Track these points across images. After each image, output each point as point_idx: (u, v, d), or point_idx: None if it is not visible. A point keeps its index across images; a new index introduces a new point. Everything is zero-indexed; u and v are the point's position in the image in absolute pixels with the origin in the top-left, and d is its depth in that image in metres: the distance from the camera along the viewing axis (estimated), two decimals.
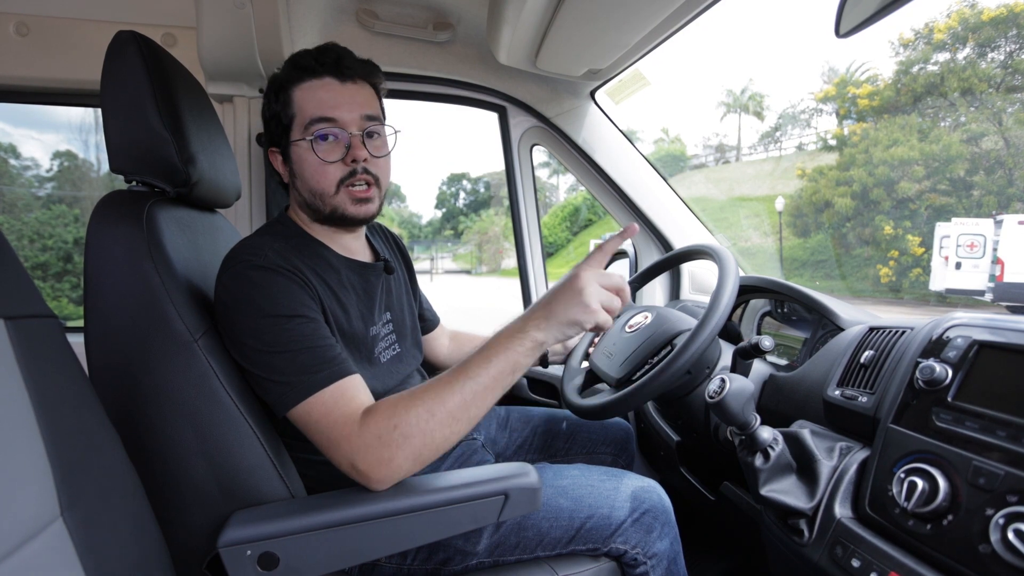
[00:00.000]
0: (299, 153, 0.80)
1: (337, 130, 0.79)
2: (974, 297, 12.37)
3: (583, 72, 1.24)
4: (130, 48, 0.72)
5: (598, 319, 0.67)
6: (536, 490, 0.68)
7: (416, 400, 0.65)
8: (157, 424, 0.65)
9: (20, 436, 0.42)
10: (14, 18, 1.21)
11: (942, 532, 0.56)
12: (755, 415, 0.71)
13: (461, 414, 0.64)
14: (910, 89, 16.52)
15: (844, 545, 0.64)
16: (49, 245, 11.83)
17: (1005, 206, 14.15)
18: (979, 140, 15.02)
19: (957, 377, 0.63)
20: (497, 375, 0.66)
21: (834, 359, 0.83)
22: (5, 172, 13.02)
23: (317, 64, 0.79)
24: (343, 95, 0.79)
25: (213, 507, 0.65)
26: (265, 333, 0.67)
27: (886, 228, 15.10)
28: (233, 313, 0.68)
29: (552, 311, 0.67)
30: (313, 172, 0.79)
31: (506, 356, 0.66)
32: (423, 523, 0.65)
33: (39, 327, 0.47)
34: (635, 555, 0.77)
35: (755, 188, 24.84)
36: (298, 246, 0.79)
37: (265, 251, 0.72)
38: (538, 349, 0.67)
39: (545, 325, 0.67)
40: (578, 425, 1.12)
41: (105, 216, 0.68)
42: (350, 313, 0.80)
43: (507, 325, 0.70)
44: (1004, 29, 15.09)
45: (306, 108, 0.79)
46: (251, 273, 0.69)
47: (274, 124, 0.82)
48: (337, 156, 0.79)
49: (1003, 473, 0.54)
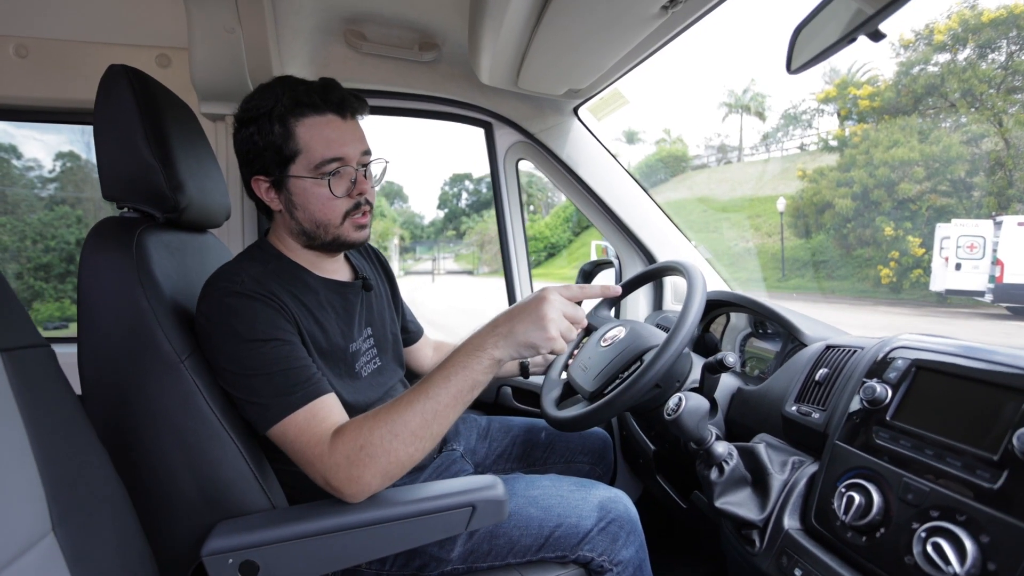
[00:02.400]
0: (305, 187, 0.82)
1: (345, 167, 0.83)
2: (974, 298, 12.39)
3: (564, 91, 1.28)
4: (121, 81, 0.76)
5: (554, 346, 0.70)
6: (502, 502, 0.72)
7: (380, 421, 0.68)
8: (145, 439, 0.69)
9: (14, 459, 0.46)
10: (13, 40, 1.25)
11: (875, 544, 0.60)
12: (710, 431, 0.75)
13: (423, 432, 0.68)
14: (910, 90, 16.51)
15: (789, 555, 0.68)
16: (52, 246, 11.90)
17: (1005, 207, 14.14)
18: (979, 141, 15.01)
19: (895, 397, 0.66)
20: (457, 393, 0.69)
21: (793, 375, 0.87)
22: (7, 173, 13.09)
23: (321, 101, 0.81)
24: (347, 133, 0.83)
25: (198, 518, 0.69)
26: (243, 357, 0.71)
27: (887, 229, 15.10)
28: (213, 338, 0.72)
29: (513, 331, 0.69)
30: (322, 206, 0.82)
31: (465, 375, 0.69)
32: (395, 533, 0.69)
33: (33, 356, 0.51)
34: (601, 562, 0.81)
35: (757, 189, 24.83)
36: (276, 270, 0.83)
37: (242, 277, 0.76)
38: (496, 366, 0.70)
39: (504, 344, 0.69)
40: (557, 435, 1.16)
41: (97, 243, 0.73)
42: (328, 331, 0.84)
43: (468, 339, 0.72)
44: (1004, 30, 15.07)
45: (314, 146, 0.81)
46: (228, 300, 0.73)
47: (270, 155, 0.82)
48: (344, 191, 0.83)
49: (928, 489, 0.58)
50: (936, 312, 13.12)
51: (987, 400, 0.58)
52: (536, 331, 0.69)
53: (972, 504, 0.53)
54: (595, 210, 1.51)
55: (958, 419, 0.59)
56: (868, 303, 14.80)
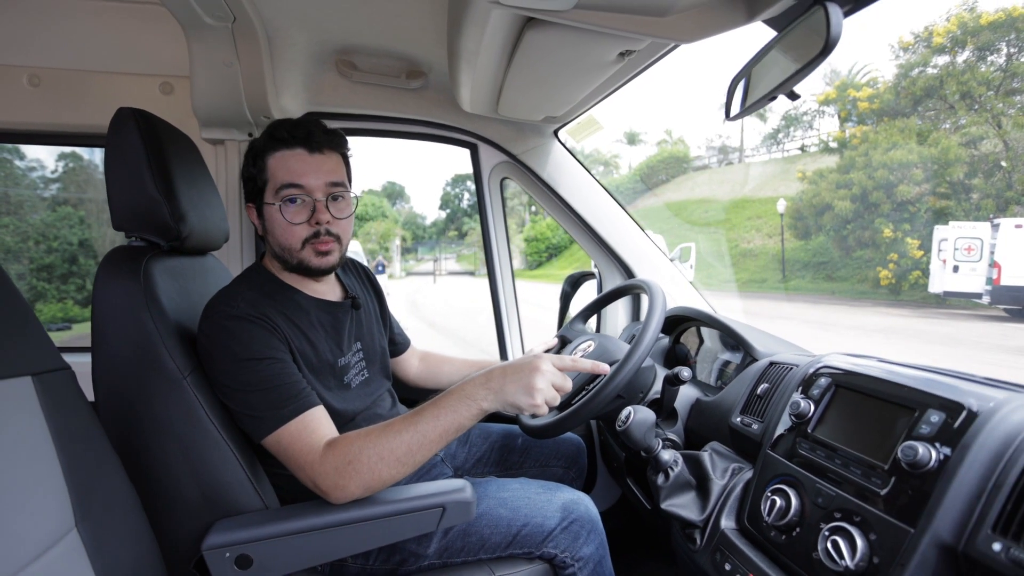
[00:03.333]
0: (270, 213, 0.92)
1: (304, 196, 0.90)
2: (972, 300, 12.44)
3: (542, 118, 1.36)
4: (129, 123, 0.85)
5: (537, 411, 0.79)
6: (469, 504, 0.80)
7: (370, 442, 0.77)
8: (152, 447, 0.78)
9: (43, 467, 0.55)
10: (27, 71, 1.34)
11: (792, 542, 0.69)
12: (657, 440, 0.84)
13: (407, 459, 0.77)
14: (909, 92, 16.55)
15: (722, 552, 0.76)
16: (55, 247, 11.99)
17: (1004, 209, 14.17)
18: (978, 143, 15.04)
19: (817, 412, 0.75)
20: (443, 431, 0.78)
21: (741, 389, 0.95)
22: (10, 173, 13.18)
23: (290, 136, 0.90)
24: (311, 164, 0.90)
25: (199, 517, 0.78)
26: (240, 374, 0.80)
27: (885, 231, 15.15)
28: (213, 357, 0.81)
29: (503, 389, 0.78)
30: (282, 231, 0.91)
31: (453, 417, 0.78)
32: (373, 530, 0.78)
33: (57, 379, 0.60)
34: (564, 558, 0.90)
35: (757, 190, 24.88)
36: (270, 292, 0.92)
37: (238, 301, 0.84)
38: (482, 415, 0.79)
39: (492, 399, 0.78)
40: (532, 441, 1.24)
41: (109, 271, 0.81)
42: (318, 348, 0.92)
43: (462, 385, 0.81)
44: (1003, 33, 15.09)
45: (277, 175, 0.90)
46: (226, 323, 0.82)
47: (251, 185, 0.94)
48: (303, 219, 0.91)
49: (834, 494, 0.66)
50: (935, 314, 13.16)
51: (886, 416, 0.66)
52: (524, 395, 0.78)
53: (865, 507, 0.62)
54: (576, 226, 1.59)
55: (863, 432, 0.68)
56: (867, 304, 14.85)
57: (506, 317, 1.70)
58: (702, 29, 0.75)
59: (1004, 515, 0.52)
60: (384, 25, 1.22)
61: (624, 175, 33.83)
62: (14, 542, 0.50)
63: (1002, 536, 0.51)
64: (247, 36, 1.16)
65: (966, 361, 8.20)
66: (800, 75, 0.60)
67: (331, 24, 1.22)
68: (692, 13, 0.74)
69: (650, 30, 0.75)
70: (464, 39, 0.87)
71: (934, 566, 0.55)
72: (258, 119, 1.35)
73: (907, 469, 0.59)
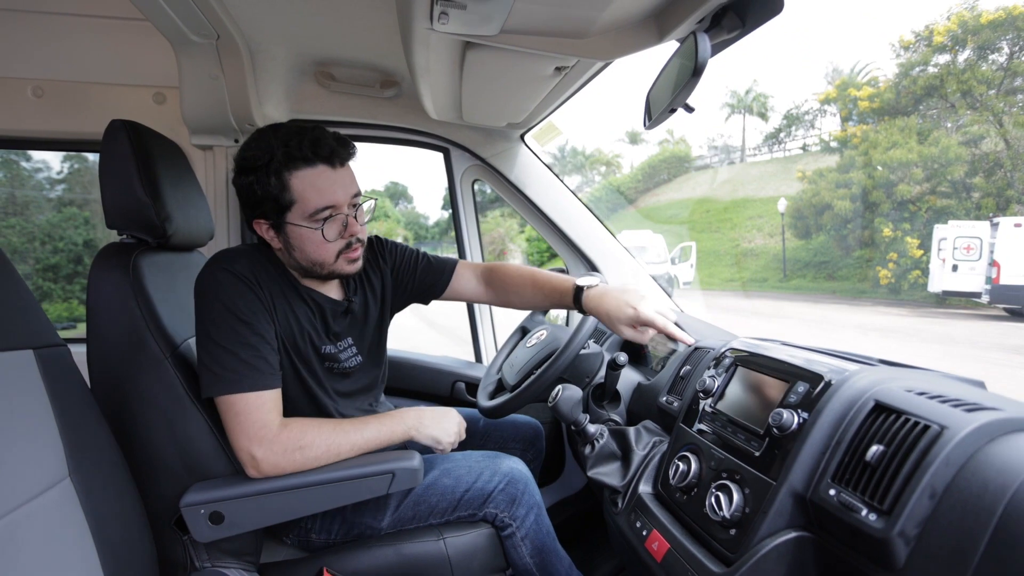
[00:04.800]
0: (301, 233, 0.92)
1: (337, 214, 0.92)
2: (972, 299, 12.45)
3: (505, 124, 1.46)
4: (120, 134, 0.96)
5: (443, 449, 1.01)
6: (416, 470, 0.91)
7: (324, 435, 0.89)
8: (139, 419, 0.89)
9: (42, 425, 0.65)
10: (31, 82, 1.45)
11: (690, 500, 0.79)
12: (584, 415, 0.94)
13: (345, 454, 0.91)
14: (910, 91, 16.55)
15: (637, 512, 0.86)
16: (60, 247, 12.15)
17: (1004, 208, 14.16)
18: (979, 142, 15.03)
19: (719, 387, 0.85)
20: (380, 441, 0.95)
21: (670, 372, 1.05)
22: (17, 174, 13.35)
23: (312, 154, 0.89)
24: (336, 181, 0.91)
25: (178, 480, 0.88)
26: (219, 325, 0.86)
27: (885, 230, 15.16)
28: (202, 300, 0.88)
29: (423, 425, 0.98)
30: (316, 248, 0.93)
31: (389, 432, 0.96)
32: (329, 492, 0.88)
33: (55, 354, 0.70)
34: (503, 518, 1.00)
35: (758, 189, 24.88)
36: (272, 271, 0.96)
37: (241, 260, 0.91)
38: (406, 437, 0.97)
39: (415, 429, 0.98)
40: (493, 424, 1.34)
41: (102, 264, 0.92)
42: (305, 331, 0.97)
43: (404, 410, 1.00)
44: (1003, 31, 15.07)
45: (308, 197, 0.89)
46: (221, 275, 0.88)
47: (269, 204, 0.91)
48: (337, 235, 0.94)
49: (723, 457, 0.76)
50: (934, 313, 13.17)
51: (767, 388, 0.76)
52: (438, 432, 0.99)
53: (744, 466, 0.72)
54: (542, 224, 1.69)
55: (751, 403, 0.78)
56: (867, 304, 14.87)
57: (479, 316, 1.80)
58: (619, 48, 0.85)
59: (841, 467, 0.61)
60: (358, 39, 1.32)
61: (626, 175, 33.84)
62: (16, 482, 0.60)
63: (836, 484, 0.61)
64: (231, 51, 1.26)
65: (963, 360, 8.22)
66: (684, 93, 0.70)
67: (309, 39, 1.32)
68: (609, 35, 0.84)
69: (573, 50, 0.86)
70: (415, 56, 0.97)
71: (789, 511, 0.65)
72: (243, 126, 1.45)
73: (776, 432, 0.69)
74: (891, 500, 0.54)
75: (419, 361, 1.65)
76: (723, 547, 0.69)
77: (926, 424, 0.56)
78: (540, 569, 1.03)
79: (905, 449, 0.56)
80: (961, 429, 0.54)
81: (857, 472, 0.59)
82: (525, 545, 1.01)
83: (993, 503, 0.49)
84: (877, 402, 0.63)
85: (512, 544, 1.01)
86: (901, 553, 0.53)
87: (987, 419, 0.54)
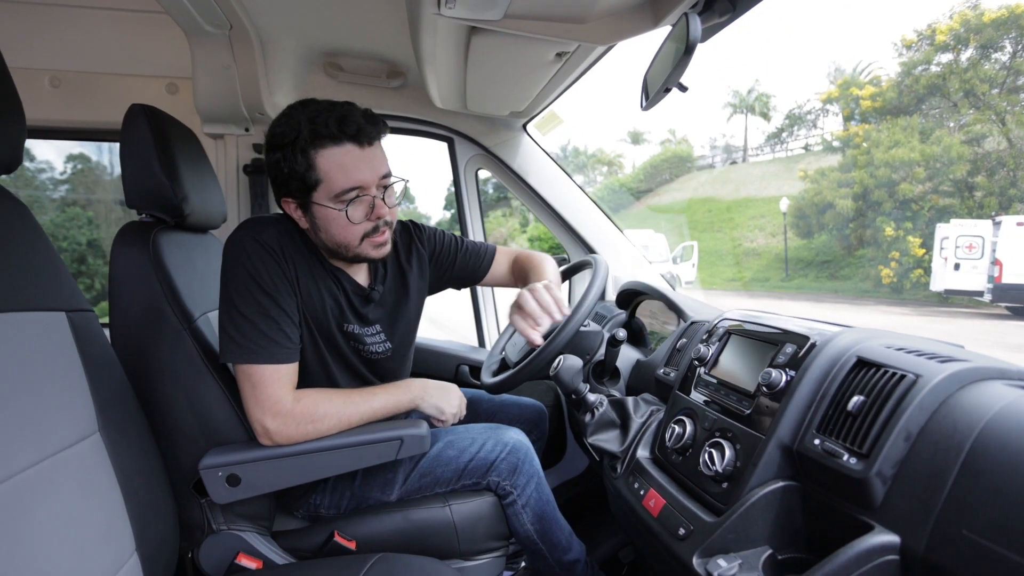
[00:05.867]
0: (325, 213, 0.90)
1: (363, 194, 0.90)
2: (974, 298, 12.44)
3: (508, 113, 1.50)
4: (140, 118, 1.00)
5: (445, 422, 1.06)
6: (423, 436, 0.95)
7: (335, 406, 0.92)
8: (159, 387, 0.93)
9: (74, 382, 0.70)
10: (48, 73, 1.50)
11: (685, 460, 0.83)
12: (585, 384, 0.98)
13: (354, 423, 0.95)
14: (912, 90, 16.55)
15: (635, 475, 0.90)
16: (64, 247, 12.21)
17: (1007, 207, 14.15)
18: (981, 141, 15.02)
19: (712, 354, 0.89)
20: (388, 410, 0.99)
21: (667, 346, 1.09)
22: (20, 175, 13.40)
23: (339, 132, 0.87)
24: (364, 161, 0.89)
25: (197, 445, 0.93)
26: (242, 293, 0.87)
27: (887, 229, 15.16)
28: (228, 265, 0.90)
29: (427, 396, 1.02)
30: (341, 230, 0.91)
31: (396, 401, 1.00)
32: (339, 457, 0.92)
33: (84, 318, 0.75)
34: (505, 486, 1.04)
35: (761, 189, 24.89)
36: (301, 247, 0.95)
37: (269, 230, 0.91)
38: (411, 406, 1.02)
39: (420, 401, 1.02)
40: (497, 405, 1.38)
41: (124, 241, 0.96)
42: (328, 307, 0.97)
43: (410, 381, 1.04)
44: (1006, 30, 15.06)
45: (333, 177, 0.87)
46: (250, 243, 0.89)
47: (295, 182, 0.89)
48: (362, 216, 0.91)
49: (716, 418, 0.80)
50: (936, 312, 13.16)
51: (758, 352, 0.80)
52: (442, 403, 1.04)
53: (736, 425, 0.76)
54: (544, 212, 1.73)
55: (742, 367, 0.81)
56: (870, 303, 14.87)
57: (483, 303, 1.84)
58: (617, 33, 0.89)
59: (825, 418, 0.65)
60: (365, 31, 1.37)
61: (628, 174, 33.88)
62: (52, 429, 0.65)
63: (821, 434, 0.64)
64: (243, 42, 1.31)
65: None
66: (676, 72, 0.74)
67: (318, 30, 1.37)
68: (607, 20, 0.88)
69: (573, 35, 0.90)
70: (423, 44, 1.01)
71: (777, 462, 0.68)
72: (253, 115, 1.50)
73: (765, 391, 0.72)
74: (869, 444, 0.58)
75: (423, 344, 1.69)
76: (715, 499, 0.73)
77: (902, 374, 0.60)
78: (541, 536, 1.07)
79: (883, 398, 0.60)
80: (933, 377, 0.58)
81: (839, 422, 0.63)
82: (526, 513, 1.05)
83: (961, 441, 0.53)
84: (859, 358, 0.66)
85: (514, 512, 1.05)
86: (879, 492, 0.57)
87: (957, 368, 0.58)
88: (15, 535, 0.57)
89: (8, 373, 0.61)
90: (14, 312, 0.65)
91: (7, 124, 0.67)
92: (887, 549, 0.54)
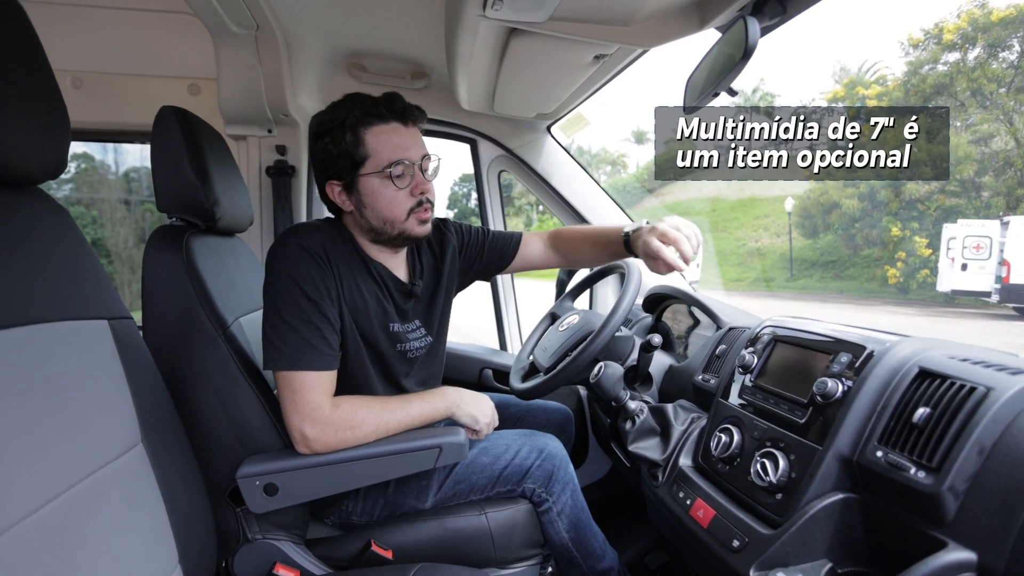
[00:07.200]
0: (373, 187, 0.94)
1: (408, 168, 0.95)
2: (981, 298, 12.37)
3: (534, 115, 1.49)
4: (171, 120, 0.99)
5: (478, 431, 1.04)
6: (462, 444, 0.93)
7: (373, 414, 0.91)
8: (193, 395, 0.92)
9: (117, 392, 0.69)
10: (70, 74, 1.49)
11: (733, 470, 0.81)
12: (625, 391, 0.96)
13: (392, 431, 0.94)
14: (919, 90, 16.45)
15: (679, 484, 0.89)
16: None
17: (1014, 207, 14.06)
18: (988, 141, 14.93)
19: (758, 363, 0.87)
20: (424, 419, 0.98)
21: (704, 352, 1.08)
22: None
23: (388, 111, 0.94)
24: (408, 137, 0.95)
25: (233, 454, 0.91)
26: (285, 298, 0.88)
27: (893, 229, 15.08)
28: (272, 272, 0.91)
29: (462, 406, 1.01)
30: (388, 203, 0.95)
31: (432, 409, 0.99)
32: (378, 466, 0.91)
33: (125, 326, 0.74)
34: (540, 493, 1.02)
35: (766, 188, 24.80)
36: (345, 249, 0.97)
37: (314, 236, 0.93)
38: (447, 416, 1.01)
39: (456, 409, 1.01)
40: (524, 409, 1.36)
41: (156, 245, 0.95)
42: (370, 308, 0.98)
43: (445, 390, 1.03)
44: (1014, 29, 14.97)
45: (381, 150, 0.93)
46: (294, 249, 0.90)
47: (343, 160, 0.94)
48: (408, 186, 0.95)
49: (766, 427, 0.78)
50: (943, 312, 13.09)
51: (808, 361, 0.78)
52: (477, 413, 1.02)
53: (788, 434, 0.74)
54: (568, 215, 1.72)
55: (792, 376, 0.80)
56: (876, 303, 14.80)
57: (504, 306, 1.83)
58: (662, 36, 0.88)
59: (887, 430, 0.64)
60: (391, 31, 1.35)
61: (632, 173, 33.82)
62: (100, 442, 0.63)
63: (883, 446, 0.63)
64: (268, 42, 1.30)
65: None
66: (730, 76, 0.73)
67: (343, 30, 1.36)
68: (652, 22, 0.86)
69: (617, 37, 0.88)
70: (459, 45, 1.00)
71: (836, 474, 0.67)
72: (277, 116, 1.49)
73: (820, 400, 0.71)
74: (940, 458, 0.57)
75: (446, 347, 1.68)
76: (769, 511, 0.71)
77: (972, 386, 0.59)
78: (576, 544, 1.05)
79: (952, 410, 0.59)
80: (1007, 390, 0.56)
81: (904, 434, 0.62)
82: (561, 520, 1.04)
83: None
84: (921, 368, 0.65)
85: (548, 520, 1.04)
86: (951, 507, 0.55)
87: None
88: (65, 554, 0.56)
89: (58, 384, 0.60)
90: (61, 321, 0.64)
91: (55, 131, 0.66)
92: (964, 566, 0.52)
